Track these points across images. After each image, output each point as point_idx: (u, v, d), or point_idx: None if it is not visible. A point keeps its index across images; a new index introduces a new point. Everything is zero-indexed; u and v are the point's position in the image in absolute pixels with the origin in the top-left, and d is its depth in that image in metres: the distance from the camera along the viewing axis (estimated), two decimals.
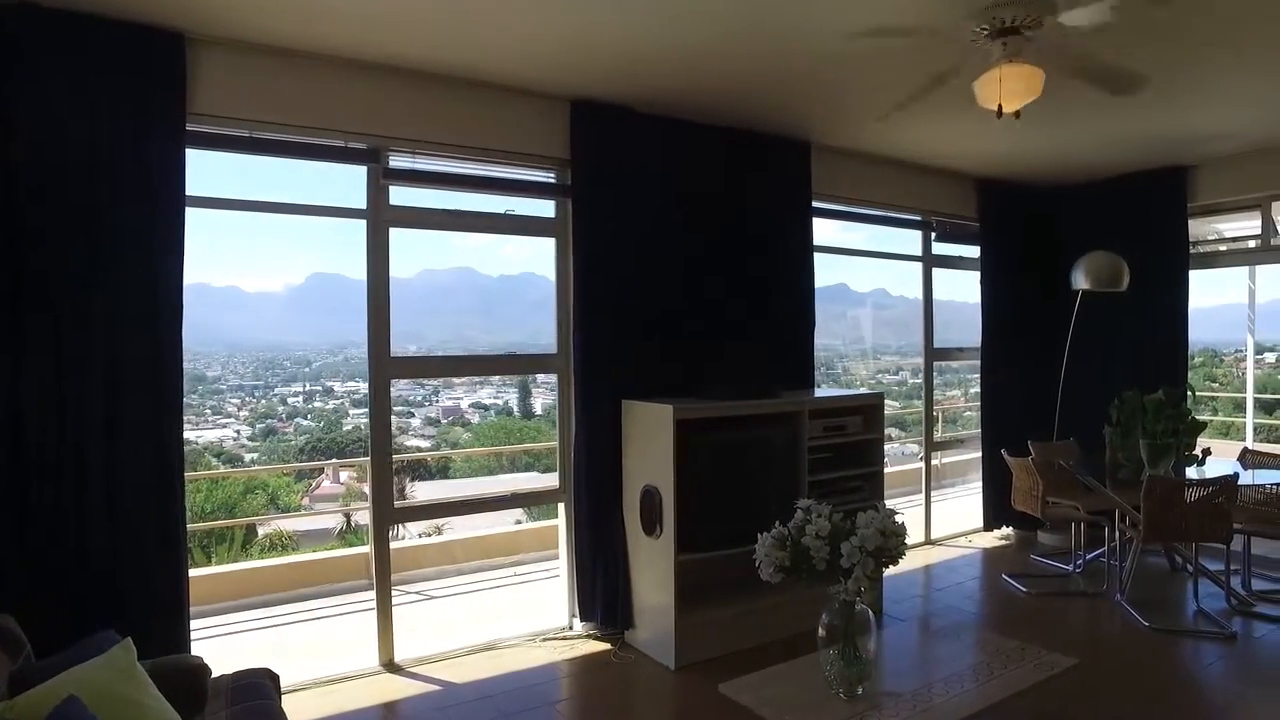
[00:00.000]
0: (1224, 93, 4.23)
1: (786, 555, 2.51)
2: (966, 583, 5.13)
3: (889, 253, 5.96)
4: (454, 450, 11.22)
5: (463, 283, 12.48)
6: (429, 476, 10.95)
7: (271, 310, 12.97)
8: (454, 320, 12.60)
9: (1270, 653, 4.02)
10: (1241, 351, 13.27)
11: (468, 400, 11.93)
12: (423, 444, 11.24)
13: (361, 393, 13.27)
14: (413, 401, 11.57)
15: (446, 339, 13.04)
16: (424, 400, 11.68)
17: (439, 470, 11.30)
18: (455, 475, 11.39)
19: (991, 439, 6.10)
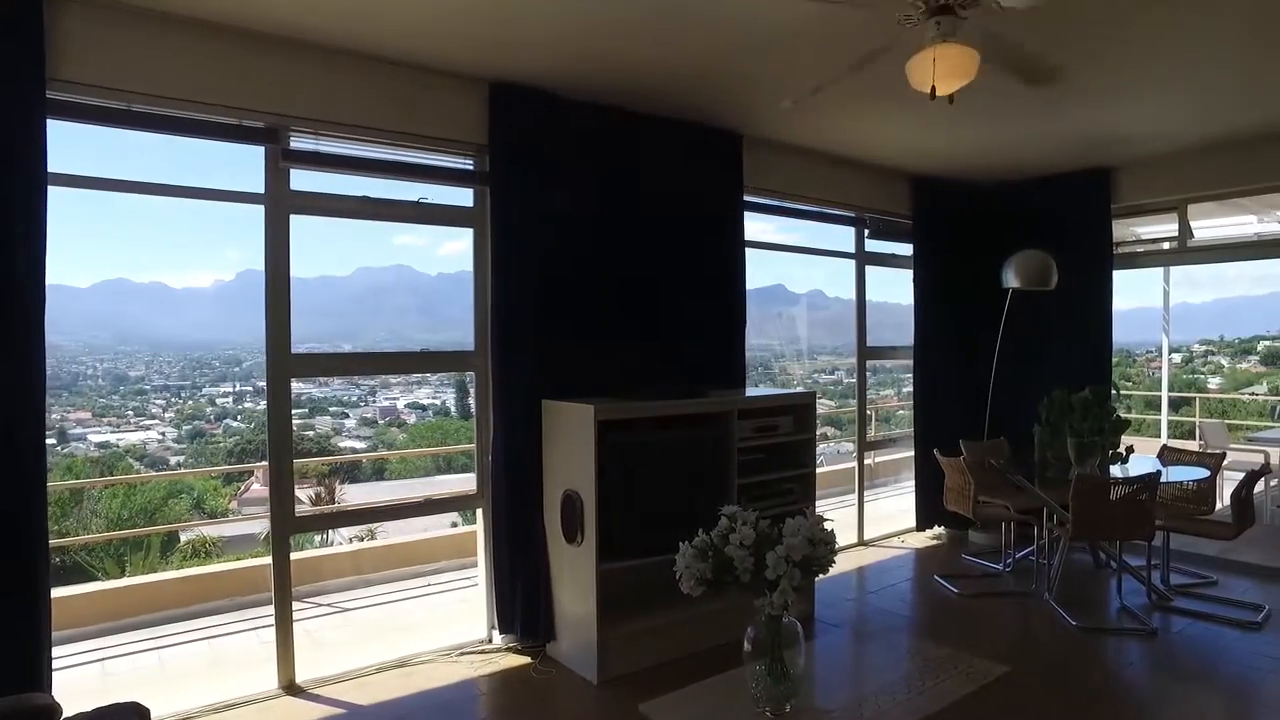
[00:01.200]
0: (1143, 92, 4.25)
1: (709, 567, 2.34)
2: (899, 584, 5.06)
3: (822, 249, 5.87)
4: (373, 454, 10.90)
5: (402, 281, 12.17)
6: (364, 478, 10.68)
7: (200, 307, 12.41)
8: (394, 319, 12.26)
9: (1188, 648, 4.05)
10: (1153, 352, 13.83)
11: (405, 400, 11.74)
12: (358, 445, 11.03)
13: (295, 391, 12.82)
14: (347, 402, 11.38)
15: (384, 338, 12.68)
16: (359, 400, 11.49)
17: (375, 472, 11.02)
18: (391, 476, 11.11)
19: (924, 438, 6.08)
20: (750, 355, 4.97)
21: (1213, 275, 23.38)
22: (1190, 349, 17.24)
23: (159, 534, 7.17)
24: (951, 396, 6.20)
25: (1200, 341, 17.42)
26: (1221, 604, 4.64)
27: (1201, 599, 4.74)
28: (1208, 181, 5.39)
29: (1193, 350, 17.04)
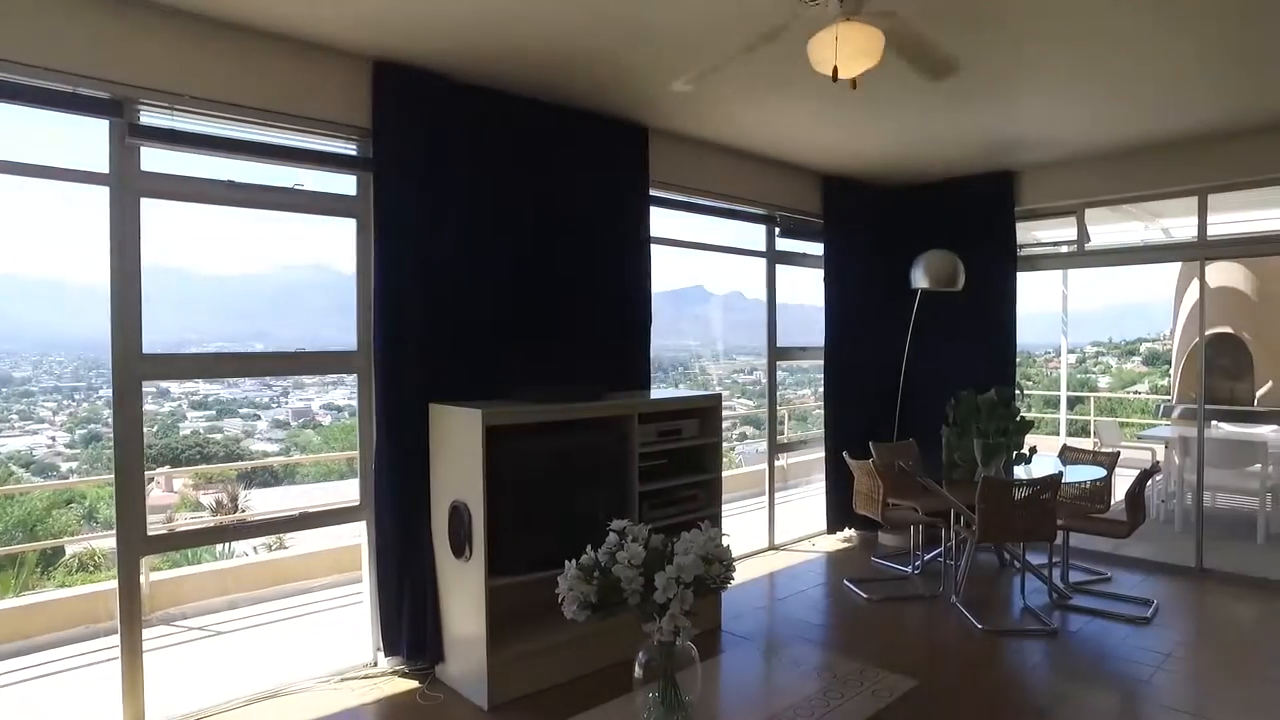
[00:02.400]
0: (1044, 97, 4.27)
1: (593, 589, 2.12)
2: (809, 590, 4.96)
3: (731, 247, 5.73)
4: (266, 460, 10.34)
5: (320, 279, 11.65)
6: (274, 483, 10.19)
7: (99, 304, 11.51)
8: (314, 318, 11.69)
9: (1085, 646, 4.06)
10: (1050, 353, 14.41)
11: (320, 401, 11.37)
12: (270, 448, 10.64)
13: (203, 393, 11.96)
14: (260, 403, 10.96)
15: (298, 337, 12.09)
16: (272, 402, 11.08)
17: (286, 476, 10.50)
18: (306, 480, 10.62)
19: (835, 439, 6.03)
20: (670, 356, 4.78)
21: (1102, 280, 24.44)
22: (1083, 350, 18.05)
23: (33, 550, 6.50)
24: (862, 397, 6.17)
25: (1092, 343, 18.38)
26: (1115, 600, 4.71)
27: (1097, 595, 4.80)
28: (1103, 187, 5.49)
29: (1085, 351, 17.92)
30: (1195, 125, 4.79)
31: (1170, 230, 7.42)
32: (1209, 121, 4.73)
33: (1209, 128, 4.84)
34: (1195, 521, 5.41)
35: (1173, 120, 4.70)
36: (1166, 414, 8.84)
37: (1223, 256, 5.38)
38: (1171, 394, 9.11)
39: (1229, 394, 8.78)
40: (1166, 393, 18.57)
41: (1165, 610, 4.53)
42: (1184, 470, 6.55)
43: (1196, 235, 5.29)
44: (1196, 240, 5.30)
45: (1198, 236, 5.28)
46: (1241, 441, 6.49)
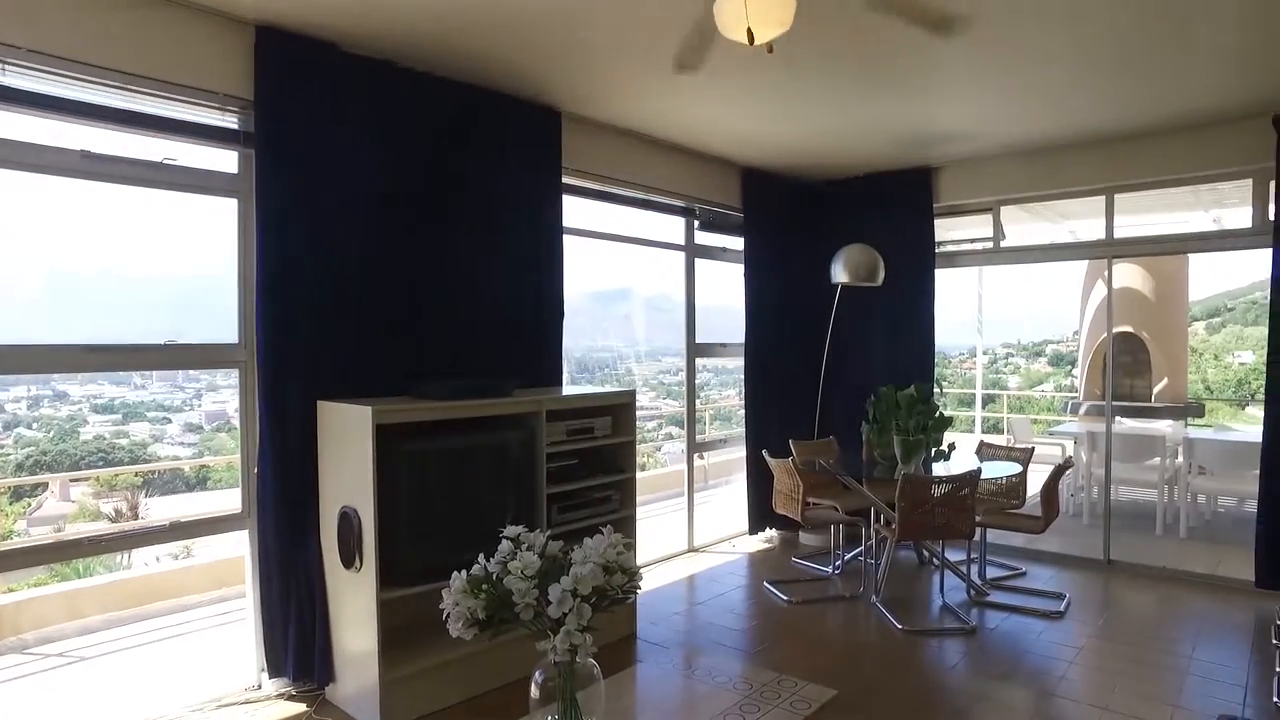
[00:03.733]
0: (961, 93, 4.22)
1: (481, 604, 1.88)
2: (729, 593, 4.80)
3: (649, 240, 5.54)
4: (148, 466, 9.72)
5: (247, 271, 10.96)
6: (185, 489, 9.51)
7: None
8: (230, 316, 11.07)
9: (1003, 643, 4.02)
10: (964, 353, 14.80)
11: (235, 404, 10.61)
12: (181, 452, 9.94)
13: (107, 397, 11.11)
14: (170, 406, 10.26)
15: (214, 333, 11.41)
16: (184, 405, 10.36)
17: (198, 481, 9.92)
18: (218, 485, 9.98)
19: (755, 437, 5.91)
20: (595, 357, 4.56)
21: (1011, 284, 25.34)
22: (995, 351, 18.72)
23: None
24: (783, 395, 6.07)
25: (1002, 344, 19.09)
26: (1030, 595, 4.72)
27: (1013, 591, 4.80)
28: (1019, 185, 5.52)
29: (996, 353, 18.58)
30: (1103, 126, 4.85)
31: (1076, 232, 7.61)
32: (1115, 122, 4.79)
33: (1115, 129, 4.91)
34: (1103, 515, 5.49)
35: (1082, 120, 4.75)
36: (1074, 410, 9.08)
37: (1129, 255, 5.48)
38: (1079, 391, 9.36)
39: (1129, 390, 9.08)
40: (1071, 391, 19.42)
41: (1077, 604, 4.54)
42: (1091, 465, 6.69)
43: (1105, 235, 5.36)
44: (1105, 240, 5.38)
45: (1106, 236, 5.36)
46: (1142, 436, 6.67)
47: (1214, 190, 6.24)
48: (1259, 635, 4.09)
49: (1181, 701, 3.35)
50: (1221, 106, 4.49)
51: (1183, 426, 7.80)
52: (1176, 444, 6.46)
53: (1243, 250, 5.01)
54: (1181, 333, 9.26)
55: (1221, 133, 4.75)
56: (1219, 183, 5.36)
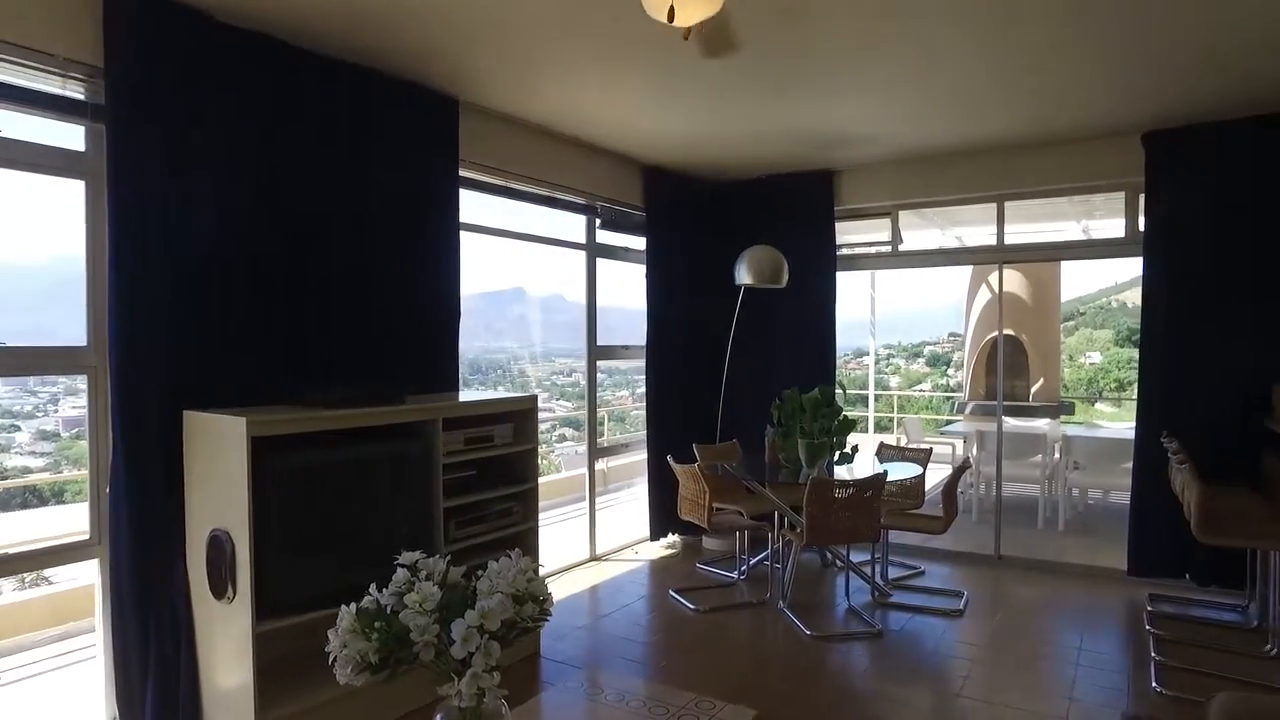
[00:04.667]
0: (858, 94, 4.23)
1: (374, 646, 1.65)
2: (635, 604, 4.66)
3: (550, 238, 5.33)
4: None
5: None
6: (39, 503, 8.63)
7: None
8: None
9: (908, 645, 4.05)
10: (848, 355, 15.28)
11: None
12: (33, 463, 9.07)
13: None
14: (19, 413, 9.34)
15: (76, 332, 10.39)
16: (37, 410, 9.39)
17: (54, 495, 8.97)
18: (78, 499, 9.00)
19: (657, 441, 5.80)
20: (488, 359, 4.31)
21: (889, 287, 26.34)
22: (878, 352, 19.55)
23: None
24: (685, 397, 5.99)
25: (884, 346, 19.90)
26: (930, 594, 4.79)
27: (914, 591, 4.87)
28: (916, 190, 5.64)
29: (879, 354, 19.38)
30: (995, 136, 4.99)
31: (962, 238, 7.90)
32: (1006, 133, 4.94)
33: (1007, 139, 5.06)
34: (995, 512, 5.66)
35: (976, 130, 4.87)
36: (960, 410, 9.44)
37: (1018, 260, 5.68)
38: (964, 391, 9.75)
39: (1010, 390, 9.53)
40: (948, 390, 20.42)
41: (974, 601, 4.64)
42: (980, 463, 6.93)
43: (996, 241, 5.54)
44: (996, 245, 5.55)
45: (997, 242, 5.53)
46: (1026, 435, 6.96)
47: (1086, 202, 6.59)
48: (1134, 622, 4.28)
49: (1075, 694, 3.43)
50: (1099, 123, 4.70)
51: (1058, 424, 8.22)
52: (1055, 441, 6.76)
53: (1117, 258, 5.28)
54: (1055, 335, 9.80)
55: (1100, 147, 4.97)
56: (1091, 195, 5.63)
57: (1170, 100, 4.29)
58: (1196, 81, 3.99)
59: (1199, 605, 4.56)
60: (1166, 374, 4.75)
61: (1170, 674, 3.59)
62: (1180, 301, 4.68)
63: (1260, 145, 4.44)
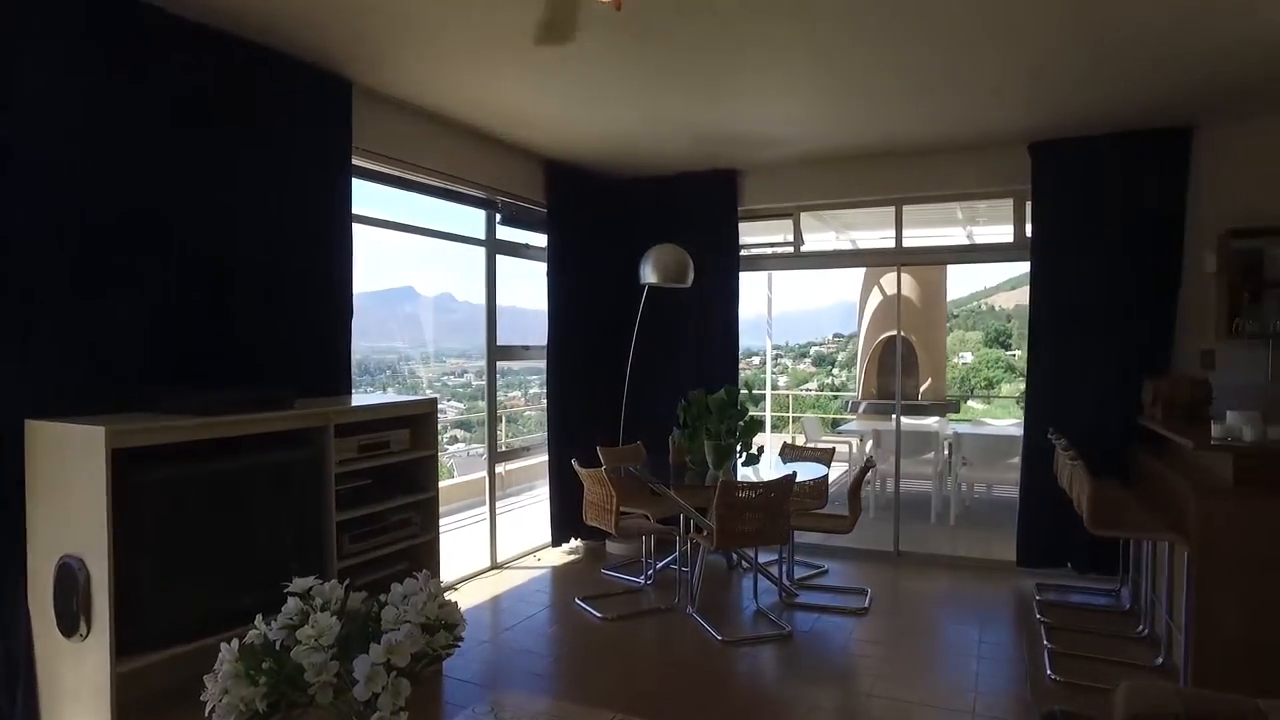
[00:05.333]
0: (761, 93, 4.22)
1: (261, 690, 1.44)
2: (539, 614, 4.48)
3: (448, 232, 5.07)
4: None
5: None
6: None
7: None
8: None
9: (817, 646, 4.04)
10: (757, 354, 15.52)
11: None
12: None
13: None
14: None
15: None
16: None
17: None
18: None
19: (559, 444, 5.64)
20: (377, 359, 4.02)
21: (780, 288, 27.12)
22: (764, 352, 20.14)
23: None
24: (588, 399, 5.84)
25: (774, 347, 20.36)
26: (835, 593, 4.83)
27: (820, 590, 4.89)
28: (818, 192, 5.69)
29: (768, 353, 19.86)
30: (894, 140, 5.09)
31: (857, 242, 8.11)
32: (905, 138, 5.05)
33: (905, 144, 5.17)
34: (894, 509, 5.79)
35: (876, 134, 4.95)
36: (854, 409, 9.68)
37: (916, 263, 5.83)
38: (857, 390, 10.02)
39: (901, 389, 9.85)
40: (834, 389, 21.11)
41: (878, 598, 4.70)
42: (876, 460, 7.09)
43: (895, 244, 5.66)
44: (895, 248, 5.67)
45: (896, 245, 5.66)
46: (919, 432, 7.18)
47: (971, 208, 6.87)
48: (1025, 611, 4.44)
49: (980, 687, 3.50)
50: (990, 131, 4.86)
51: (946, 422, 8.54)
52: (946, 439, 7.00)
53: (1005, 262, 5.50)
54: (941, 336, 10.21)
55: (991, 155, 5.14)
56: (977, 201, 5.86)
57: (1053, 113, 4.49)
58: (1073, 96, 4.19)
59: (1079, 591, 4.78)
60: (1051, 374, 4.95)
61: (1062, 661, 3.72)
62: (1063, 304, 4.89)
63: (1129, 157, 4.69)
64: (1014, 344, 24.27)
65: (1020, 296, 26.07)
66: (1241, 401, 4.39)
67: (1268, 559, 3.19)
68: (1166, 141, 4.65)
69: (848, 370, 21.87)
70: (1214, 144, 4.62)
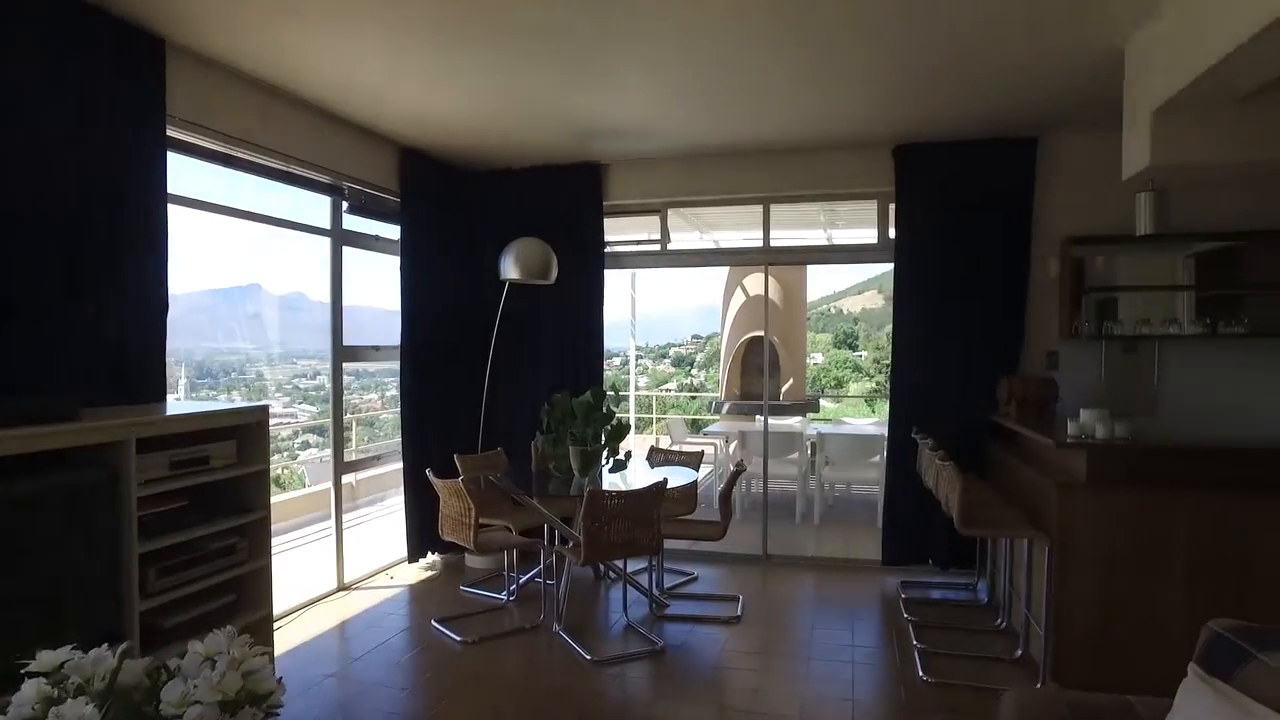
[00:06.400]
0: (627, 80, 4.03)
1: None
2: (393, 640, 4.07)
3: (284, 219, 4.53)
4: None
5: None
6: None
7: None
8: None
9: (691, 661, 3.86)
10: (617, 355, 15.43)
11: None
12: None
13: None
14: None
15: None
16: None
17: None
18: None
19: (414, 451, 5.23)
20: (220, 360, 3.51)
21: (642, 289, 27.42)
22: (625, 353, 20.28)
23: None
24: (446, 403, 5.46)
25: (635, 347, 20.51)
26: (706, 601, 4.69)
27: (690, 599, 4.75)
28: (686, 188, 5.55)
29: (627, 355, 20.00)
30: (763, 138, 5.04)
31: (720, 242, 8.09)
32: (774, 136, 5.00)
33: (774, 142, 5.13)
34: (762, 511, 5.74)
35: (744, 130, 4.88)
36: (718, 410, 9.70)
37: (784, 262, 5.82)
38: (720, 391, 10.05)
39: (762, 390, 9.96)
40: (693, 390, 21.42)
41: (749, 604, 4.60)
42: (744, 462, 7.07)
43: (763, 243, 5.61)
44: (764, 247, 5.63)
45: (764, 244, 5.61)
46: (783, 433, 7.22)
47: (832, 210, 6.98)
48: (893, 611, 4.47)
49: (856, 694, 3.44)
50: (857, 132, 4.89)
51: (808, 421, 8.69)
52: (810, 439, 7.08)
53: (871, 263, 5.57)
54: (802, 336, 10.41)
55: (859, 156, 5.17)
56: (842, 203, 5.92)
57: (916, 117, 4.56)
58: (933, 100, 4.26)
59: (939, 587, 4.89)
60: (913, 373, 5.04)
61: (932, 660, 3.74)
62: (926, 305, 4.98)
63: (985, 163, 4.84)
64: (860, 345, 25.60)
65: (866, 301, 27.58)
66: (1083, 398, 4.63)
67: (1118, 552, 3.29)
68: (1016, 149, 4.83)
69: (706, 370, 22.28)
70: (1057, 153, 4.85)
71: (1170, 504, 3.24)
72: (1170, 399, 4.77)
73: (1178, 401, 4.75)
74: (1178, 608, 3.24)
